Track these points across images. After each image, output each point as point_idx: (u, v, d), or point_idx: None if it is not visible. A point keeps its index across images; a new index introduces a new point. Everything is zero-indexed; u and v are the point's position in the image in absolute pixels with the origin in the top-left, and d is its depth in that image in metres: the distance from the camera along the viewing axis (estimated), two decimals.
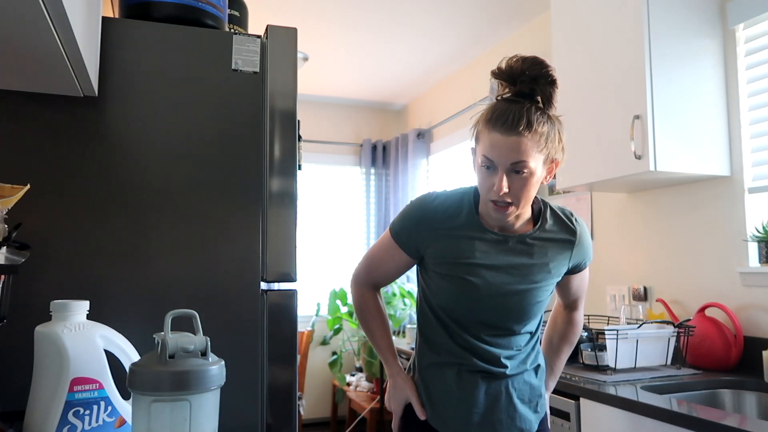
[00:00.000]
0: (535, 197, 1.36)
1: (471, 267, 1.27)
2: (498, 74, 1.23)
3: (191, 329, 1.19)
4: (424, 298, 1.37)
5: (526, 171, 1.17)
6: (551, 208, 1.36)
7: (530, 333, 1.35)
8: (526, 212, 1.31)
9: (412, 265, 1.39)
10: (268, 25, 1.38)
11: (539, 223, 1.32)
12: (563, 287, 1.44)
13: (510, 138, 1.15)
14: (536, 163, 1.18)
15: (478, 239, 1.28)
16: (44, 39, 0.88)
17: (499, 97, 1.24)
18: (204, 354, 0.72)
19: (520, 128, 1.15)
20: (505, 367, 1.31)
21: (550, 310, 1.54)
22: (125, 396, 0.92)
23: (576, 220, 1.36)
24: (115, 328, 0.97)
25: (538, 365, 1.39)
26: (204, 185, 1.29)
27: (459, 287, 1.27)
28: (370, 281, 1.41)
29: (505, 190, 1.17)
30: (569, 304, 1.50)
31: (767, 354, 1.79)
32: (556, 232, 1.32)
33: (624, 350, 1.92)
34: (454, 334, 1.31)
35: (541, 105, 1.21)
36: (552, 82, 1.20)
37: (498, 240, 1.29)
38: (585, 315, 2.45)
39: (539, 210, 1.35)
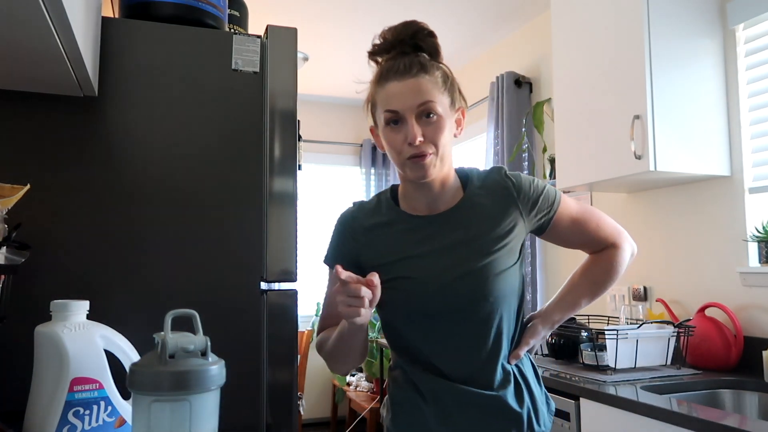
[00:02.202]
0: (461, 167, 1.24)
1: (406, 262, 1.13)
2: (375, 52, 1.16)
3: (191, 329, 1.19)
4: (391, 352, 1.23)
5: (434, 114, 1.07)
6: (478, 172, 1.23)
7: (505, 336, 1.14)
8: (451, 179, 1.17)
9: None
10: (268, 25, 1.38)
11: (467, 189, 1.18)
12: (569, 241, 1.24)
13: (408, 81, 1.07)
14: (443, 107, 1.09)
15: (406, 229, 1.16)
16: (44, 39, 0.88)
17: (381, 62, 1.16)
18: (204, 354, 0.72)
19: (415, 70, 1.08)
20: (488, 386, 1.12)
21: (531, 317, 1.26)
22: (125, 396, 0.92)
23: (506, 173, 1.20)
24: (115, 328, 0.97)
25: (524, 386, 1.16)
26: (204, 185, 1.29)
27: (403, 292, 1.11)
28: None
29: (420, 136, 1.06)
30: (596, 249, 1.26)
31: (767, 354, 1.79)
32: (489, 190, 1.18)
33: (624, 350, 1.92)
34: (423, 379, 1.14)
35: (427, 57, 1.13)
36: (431, 34, 1.14)
37: (427, 222, 1.16)
38: (584, 315, 2.45)
39: (466, 177, 1.21)
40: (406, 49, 1.12)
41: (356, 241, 1.19)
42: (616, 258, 1.24)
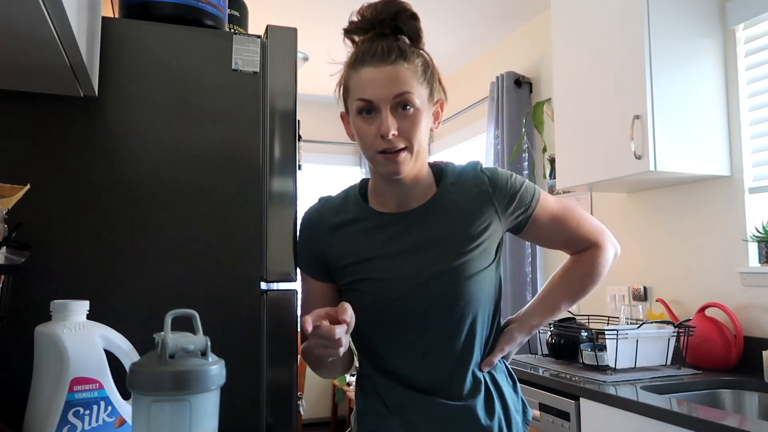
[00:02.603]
0: (436, 161, 1.17)
1: (373, 263, 1.06)
2: (351, 30, 1.08)
3: (191, 329, 1.19)
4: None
5: (411, 107, 1.00)
6: (453, 167, 1.14)
7: (477, 342, 1.08)
8: (424, 174, 1.10)
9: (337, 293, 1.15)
10: (268, 25, 1.38)
11: (440, 185, 1.11)
12: (548, 240, 1.17)
13: (385, 68, 0.99)
14: (421, 99, 1.01)
15: (373, 227, 1.09)
16: (44, 39, 0.88)
17: (358, 42, 1.07)
18: (204, 354, 0.72)
19: (393, 57, 0.99)
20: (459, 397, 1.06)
21: (507, 322, 1.20)
22: (125, 396, 0.92)
23: (482, 168, 1.13)
24: (115, 328, 0.97)
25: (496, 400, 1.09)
26: (204, 185, 1.29)
27: (369, 294, 1.05)
28: None
29: (393, 130, 0.98)
30: (578, 249, 1.19)
31: (767, 354, 1.79)
32: (463, 187, 1.10)
33: (624, 350, 1.92)
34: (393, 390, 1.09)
35: (407, 41, 1.05)
36: (413, 16, 1.06)
37: (396, 219, 1.08)
38: (584, 315, 2.45)
39: (440, 172, 1.13)
40: (386, 31, 1.04)
41: (321, 240, 1.13)
42: (598, 258, 1.17)
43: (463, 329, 1.05)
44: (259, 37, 1.38)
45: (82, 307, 0.91)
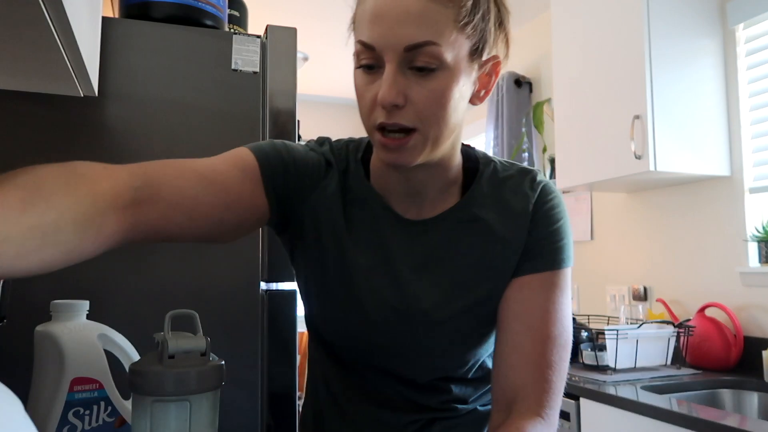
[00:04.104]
0: (469, 148, 0.81)
1: (352, 272, 0.76)
2: None
3: (191, 329, 1.19)
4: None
5: (435, 63, 0.63)
6: (496, 164, 0.79)
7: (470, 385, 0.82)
8: (453, 167, 0.76)
9: (248, 226, 0.73)
10: (268, 25, 1.38)
11: (470, 189, 0.77)
12: (502, 322, 0.75)
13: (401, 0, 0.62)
14: (456, 55, 0.64)
15: (370, 217, 0.76)
16: (44, 39, 0.88)
17: None
18: (204, 354, 0.72)
19: None
20: None
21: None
22: (125, 396, 0.92)
23: (537, 180, 0.77)
24: (115, 328, 0.97)
25: None
26: None
27: (332, 312, 0.79)
28: (140, 176, 0.62)
29: (397, 99, 0.63)
30: (508, 402, 0.71)
31: (767, 354, 1.79)
32: (501, 200, 0.76)
33: (624, 350, 1.92)
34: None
35: None
36: None
37: (397, 225, 0.76)
38: (584, 315, 2.45)
39: (474, 169, 0.78)
40: None
41: (299, 186, 0.75)
42: None
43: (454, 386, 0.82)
44: (258, 37, 1.38)
45: (82, 307, 0.91)
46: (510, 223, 0.75)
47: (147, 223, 0.60)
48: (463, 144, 0.79)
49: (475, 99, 0.72)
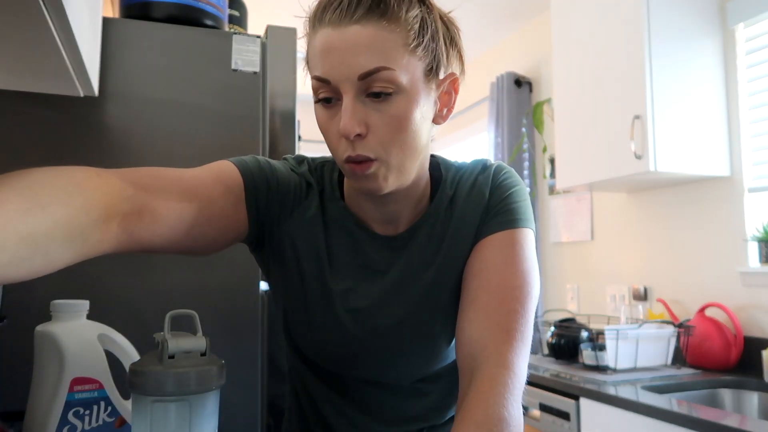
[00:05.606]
0: (437, 158, 0.82)
1: (332, 294, 0.77)
2: None
3: (191, 329, 1.19)
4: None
5: (391, 88, 0.64)
6: (458, 169, 0.81)
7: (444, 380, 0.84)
8: (421, 187, 0.76)
9: (226, 241, 0.74)
10: (268, 25, 1.38)
11: (437, 195, 0.78)
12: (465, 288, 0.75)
13: (348, 29, 0.63)
14: (412, 77, 0.65)
15: (348, 238, 0.77)
16: (44, 39, 0.88)
17: None
18: (204, 354, 0.72)
19: (361, 11, 0.63)
20: None
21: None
22: (125, 396, 0.92)
23: (487, 165, 0.81)
24: (115, 328, 0.97)
25: None
26: None
27: (314, 328, 0.79)
28: (131, 186, 0.60)
29: (357, 128, 0.64)
30: (471, 362, 0.67)
31: (767, 354, 1.79)
32: (465, 196, 0.78)
33: (624, 350, 1.92)
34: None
35: None
36: None
37: (375, 243, 0.78)
38: (585, 315, 2.45)
39: (438, 176, 0.80)
40: None
41: (279, 206, 0.76)
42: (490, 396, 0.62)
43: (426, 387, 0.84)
44: (259, 37, 1.38)
45: (82, 307, 0.91)
46: (475, 215, 0.77)
47: (131, 236, 0.60)
48: None
49: (438, 118, 0.73)
